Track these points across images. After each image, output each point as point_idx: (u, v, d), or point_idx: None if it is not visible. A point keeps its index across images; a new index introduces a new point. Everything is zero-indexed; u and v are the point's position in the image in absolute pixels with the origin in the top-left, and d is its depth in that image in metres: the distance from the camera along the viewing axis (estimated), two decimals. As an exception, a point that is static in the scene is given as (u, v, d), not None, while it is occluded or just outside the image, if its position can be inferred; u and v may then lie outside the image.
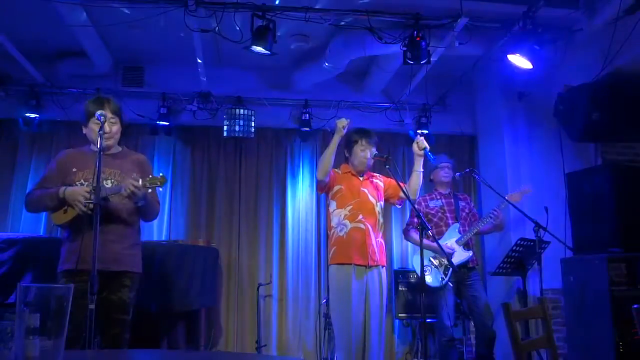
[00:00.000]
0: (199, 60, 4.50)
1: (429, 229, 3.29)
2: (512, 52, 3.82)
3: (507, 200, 4.00)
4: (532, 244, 3.75)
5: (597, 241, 3.94)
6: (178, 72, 5.23)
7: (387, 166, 3.39)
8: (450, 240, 4.07)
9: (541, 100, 4.74)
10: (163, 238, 5.16)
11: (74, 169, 2.75)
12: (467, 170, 4.28)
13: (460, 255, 3.99)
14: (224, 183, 5.38)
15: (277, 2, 3.90)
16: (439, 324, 3.99)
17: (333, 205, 3.49)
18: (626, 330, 3.51)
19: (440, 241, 3.78)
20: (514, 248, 3.83)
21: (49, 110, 5.06)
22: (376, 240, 3.39)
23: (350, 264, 3.28)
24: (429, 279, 3.99)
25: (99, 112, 2.60)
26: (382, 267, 3.41)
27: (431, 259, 4.06)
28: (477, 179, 4.62)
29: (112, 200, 2.68)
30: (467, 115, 5.58)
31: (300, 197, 5.45)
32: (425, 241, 3.52)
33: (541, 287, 3.62)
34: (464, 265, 4.02)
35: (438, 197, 4.28)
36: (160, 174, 2.67)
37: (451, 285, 3.98)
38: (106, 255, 2.58)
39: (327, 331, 4.95)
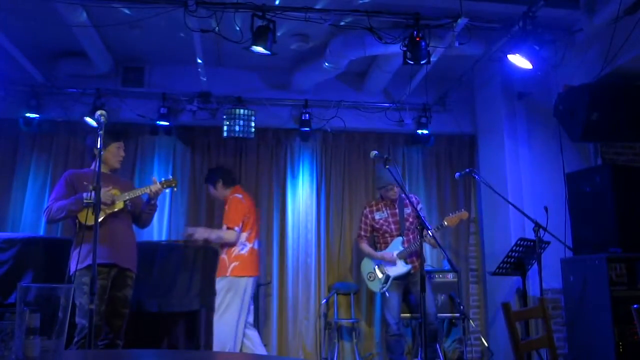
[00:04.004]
0: (199, 60, 4.50)
1: (429, 229, 3.35)
2: (512, 52, 3.82)
3: (444, 224, 4.17)
4: (532, 244, 3.75)
5: (597, 241, 3.94)
6: (178, 72, 5.24)
7: (386, 166, 3.40)
8: (393, 253, 4.31)
9: (541, 100, 4.74)
10: (163, 238, 5.16)
11: (85, 183, 3.21)
12: (467, 170, 4.28)
13: (399, 269, 4.30)
14: (224, 183, 5.37)
15: (277, 2, 3.90)
16: (385, 322, 4.37)
17: None
18: (626, 330, 3.52)
19: (383, 253, 4.35)
20: (514, 248, 3.82)
21: (49, 110, 5.07)
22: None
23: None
24: (372, 284, 4.44)
25: (98, 113, 2.78)
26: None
27: (375, 267, 4.39)
28: (477, 179, 4.62)
29: (127, 203, 3.25)
30: (467, 115, 5.59)
31: (300, 197, 5.44)
32: (368, 250, 4.45)
33: (541, 287, 3.61)
34: (405, 274, 4.31)
35: (382, 208, 4.46)
36: (171, 177, 3.31)
37: (388, 294, 4.29)
38: (123, 253, 3.14)
39: (327, 331, 4.95)
